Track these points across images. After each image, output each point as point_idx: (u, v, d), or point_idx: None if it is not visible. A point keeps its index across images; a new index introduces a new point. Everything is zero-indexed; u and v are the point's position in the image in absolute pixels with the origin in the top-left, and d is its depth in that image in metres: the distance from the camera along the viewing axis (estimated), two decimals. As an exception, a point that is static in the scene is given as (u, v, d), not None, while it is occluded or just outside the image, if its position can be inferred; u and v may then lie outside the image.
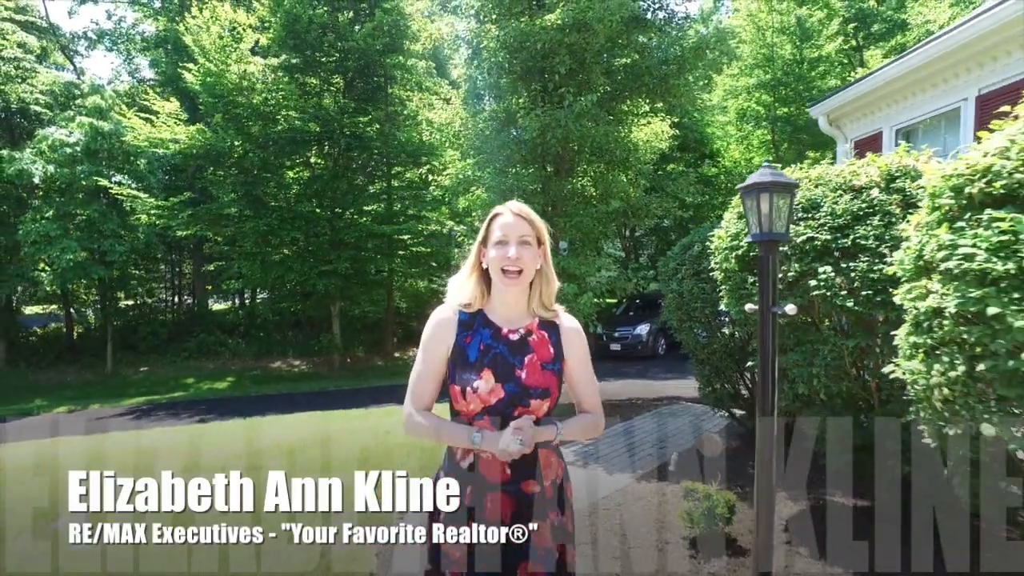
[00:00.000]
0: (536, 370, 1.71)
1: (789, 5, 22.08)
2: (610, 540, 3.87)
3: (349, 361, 17.80)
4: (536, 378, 1.71)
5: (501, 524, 1.68)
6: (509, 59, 7.30)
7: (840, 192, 3.47)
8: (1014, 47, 4.20)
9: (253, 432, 8.84)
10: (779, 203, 2.47)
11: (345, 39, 14.52)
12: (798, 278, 3.48)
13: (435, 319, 1.78)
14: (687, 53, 7.42)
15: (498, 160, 8.10)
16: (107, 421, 11.56)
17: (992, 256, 1.72)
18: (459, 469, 1.73)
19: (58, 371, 17.81)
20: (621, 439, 6.56)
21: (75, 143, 15.13)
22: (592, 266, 7.83)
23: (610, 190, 8.23)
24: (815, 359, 3.56)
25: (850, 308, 3.11)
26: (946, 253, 1.85)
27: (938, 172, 1.99)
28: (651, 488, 4.86)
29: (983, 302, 1.73)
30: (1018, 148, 1.75)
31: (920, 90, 5.08)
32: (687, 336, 5.63)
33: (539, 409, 1.69)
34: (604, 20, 6.47)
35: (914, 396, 2.14)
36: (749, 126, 22.11)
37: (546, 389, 1.70)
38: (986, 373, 1.75)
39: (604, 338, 15.69)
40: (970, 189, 1.86)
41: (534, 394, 1.69)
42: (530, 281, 1.75)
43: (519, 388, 1.68)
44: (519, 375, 1.70)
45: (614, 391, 10.34)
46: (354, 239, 15.51)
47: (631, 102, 8.44)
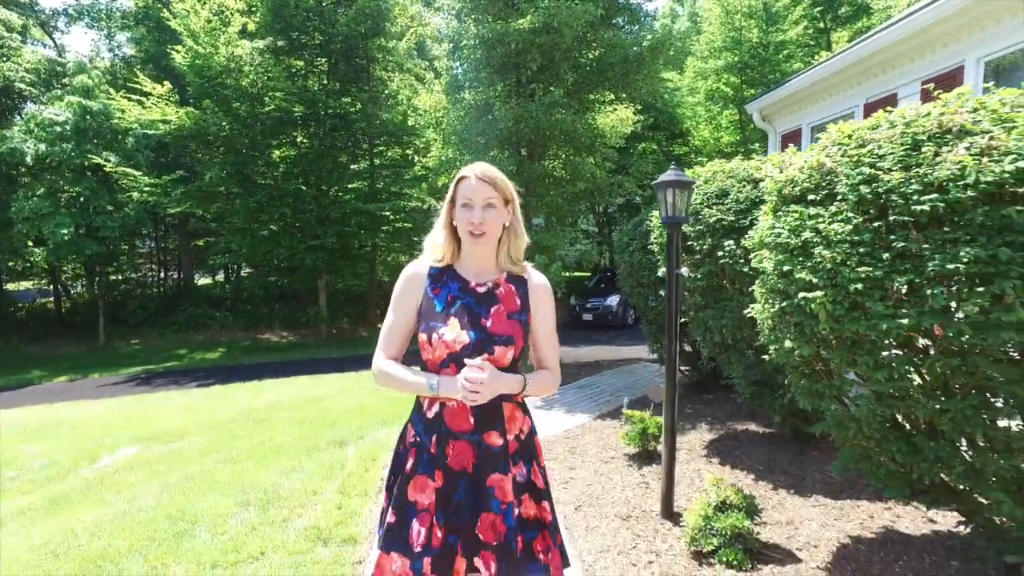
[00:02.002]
0: (502, 319, 1.74)
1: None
2: (567, 457, 4.91)
3: (335, 332, 18.65)
4: (501, 326, 1.73)
5: (466, 472, 1.70)
6: (486, 55, 8.14)
7: (744, 183, 4.45)
8: (888, 67, 5.23)
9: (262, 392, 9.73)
10: (681, 195, 3.44)
11: (330, 24, 15.07)
12: (711, 250, 4.48)
13: (406, 274, 1.84)
14: (645, 52, 8.32)
15: (477, 144, 8.98)
16: (115, 388, 12.35)
17: (791, 234, 2.70)
18: (425, 418, 1.76)
19: (50, 344, 18.35)
20: (584, 390, 7.62)
21: (64, 122, 15.54)
22: (561, 239, 8.77)
23: (578, 172, 9.16)
24: (725, 313, 4.58)
25: (746, 272, 4.08)
26: (768, 232, 2.85)
27: (772, 178, 2.96)
28: (605, 423, 5.91)
29: (784, 264, 2.73)
30: (807, 167, 2.73)
31: (828, 95, 6.08)
32: (638, 300, 6.65)
33: (503, 356, 1.70)
34: (570, 23, 7.34)
35: (760, 330, 3.14)
36: (717, 107, 22.99)
37: (510, 336, 1.72)
38: (787, 308, 2.75)
39: (576, 308, 16.77)
40: (784, 191, 2.84)
41: (498, 341, 1.70)
42: (498, 238, 1.80)
43: (484, 335, 1.70)
44: (484, 323, 1.72)
45: (583, 355, 11.41)
46: (340, 215, 16.27)
47: (597, 93, 9.34)
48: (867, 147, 2.56)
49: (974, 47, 4.39)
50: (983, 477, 2.50)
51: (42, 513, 4.69)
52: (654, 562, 3.07)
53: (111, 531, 3.83)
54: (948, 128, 2.40)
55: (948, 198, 2.24)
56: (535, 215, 9.42)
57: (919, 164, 2.36)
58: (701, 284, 4.65)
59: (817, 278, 2.53)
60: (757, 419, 5.62)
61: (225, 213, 16.20)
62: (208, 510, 3.99)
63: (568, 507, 3.83)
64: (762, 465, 4.44)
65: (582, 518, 3.65)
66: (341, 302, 20.44)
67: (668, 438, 3.53)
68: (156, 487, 4.88)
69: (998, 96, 2.44)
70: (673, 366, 3.52)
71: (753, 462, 4.54)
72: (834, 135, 2.78)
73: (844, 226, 2.47)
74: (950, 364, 2.33)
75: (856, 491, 3.83)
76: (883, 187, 2.39)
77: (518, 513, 1.72)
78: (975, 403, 2.36)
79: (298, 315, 19.63)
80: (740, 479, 4.20)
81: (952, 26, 4.48)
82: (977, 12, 4.25)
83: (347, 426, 6.31)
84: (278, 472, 4.79)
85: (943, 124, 2.41)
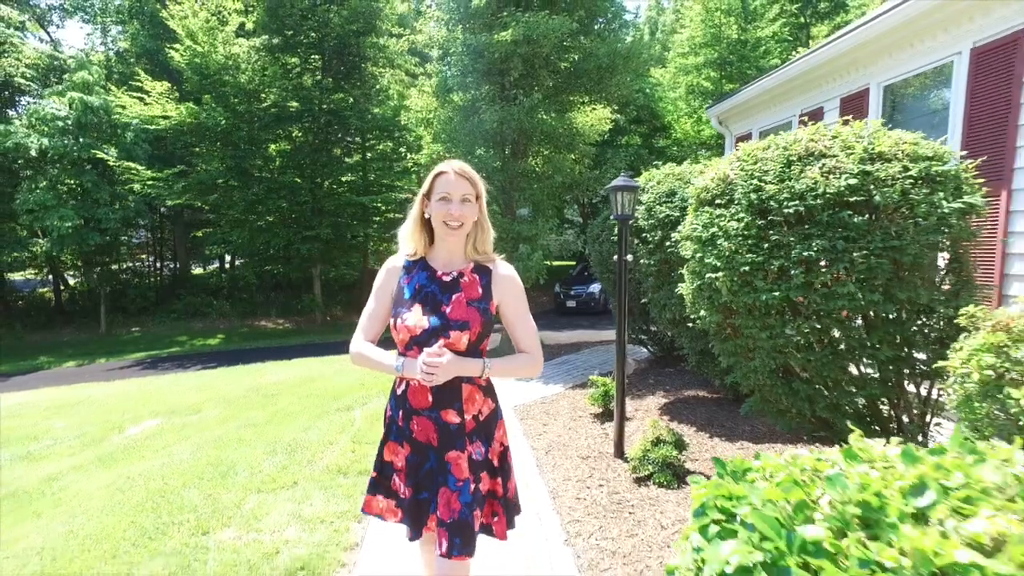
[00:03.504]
0: (461, 306, 1.86)
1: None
2: (542, 416, 5.77)
3: (329, 319, 19.42)
4: (459, 312, 1.84)
5: (432, 446, 1.86)
6: (473, 62, 8.92)
7: (687, 184, 5.30)
8: (815, 85, 6.12)
9: (266, 373, 10.48)
10: (628, 197, 4.28)
11: (324, 23, 15.73)
12: (661, 241, 5.34)
13: (386, 267, 2.00)
14: (618, 60, 9.14)
15: (465, 142, 9.77)
16: (122, 371, 13.07)
17: (703, 229, 3.55)
18: (396, 394, 1.95)
19: (53, 332, 18.96)
20: (562, 367, 8.49)
21: (65, 117, 16.11)
22: (543, 229, 9.59)
23: (558, 169, 9.97)
24: (673, 293, 5.44)
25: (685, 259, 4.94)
26: (690, 228, 3.70)
27: (694, 185, 3.80)
28: (576, 392, 6.78)
29: (699, 252, 3.58)
30: (716, 178, 3.57)
31: (772, 105, 6.93)
32: (607, 285, 7.49)
33: (459, 340, 1.81)
34: (548, 36, 8.13)
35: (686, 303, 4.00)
36: (698, 102, 23.80)
37: (466, 322, 1.83)
38: (701, 285, 3.61)
39: (561, 296, 17.66)
40: (701, 196, 3.69)
41: (454, 326, 1.82)
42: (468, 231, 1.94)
43: (442, 321, 1.83)
44: (444, 310, 1.85)
45: (565, 338, 12.30)
46: (334, 207, 17.00)
47: (575, 95, 10.15)
48: (758, 164, 3.41)
49: (877, 73, 5.29)
50: (840, 411, 3.38)
51: (93, 468, 5.46)
52: (604, 485, 3.93)
53: (163, 475, 4.64)
54: (811, 152, 3.25)
55: (806, 204, 3.09)
56: (520, 207, 10.23)
57: (790, 178, 3.21)
58: (655, 269, 5.51)
59: (720, 262, 3.39)
60: (707, 387, 6.50)
61: (222, 205, 16.86)
62: (242, 458, 4.81)
63: (540, 452, 4.69)
64: (703, 421, 5.32)
65: (551, 458, 4.52)
66: (335, 290, 21.18)
67: (619, 395, 4.40)
68: (189, 446, 5.67)
69: (850, 128, 3.30)
70: (622, 335, 4.38)
71: (697, 419, 5.41)
72: (739, 152, 3.63)
73: (738, 224, 3.32)
74: (810, 325, 3.20)
75: (775, 437, 4.71)
76: (765, 195, 3.24)
77: (474, 488, 1.84)
78: (829, 354, 3.24)
79: (293, 303, 20.35)
80: (684, 431, 5.07)
81: (860, 54, 5.37)
82: (876, 46, 5.15)
83: (351, 397, 7.13)
84: (296, 431, 5.62)
85: (808, 148, 3.26)
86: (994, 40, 4.15)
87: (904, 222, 3.02)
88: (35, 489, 4.88)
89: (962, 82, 4.40)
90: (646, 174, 5.68)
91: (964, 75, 4.38)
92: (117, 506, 4.02)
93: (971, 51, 4.33)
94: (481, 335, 1.88)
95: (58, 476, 5.28)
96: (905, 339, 3.19)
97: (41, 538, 3.61)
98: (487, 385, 1.97)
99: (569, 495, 3.82)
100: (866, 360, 3.29)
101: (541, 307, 18.58)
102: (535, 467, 4.38)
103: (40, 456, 6.21)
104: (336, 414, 6.20)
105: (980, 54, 4.25)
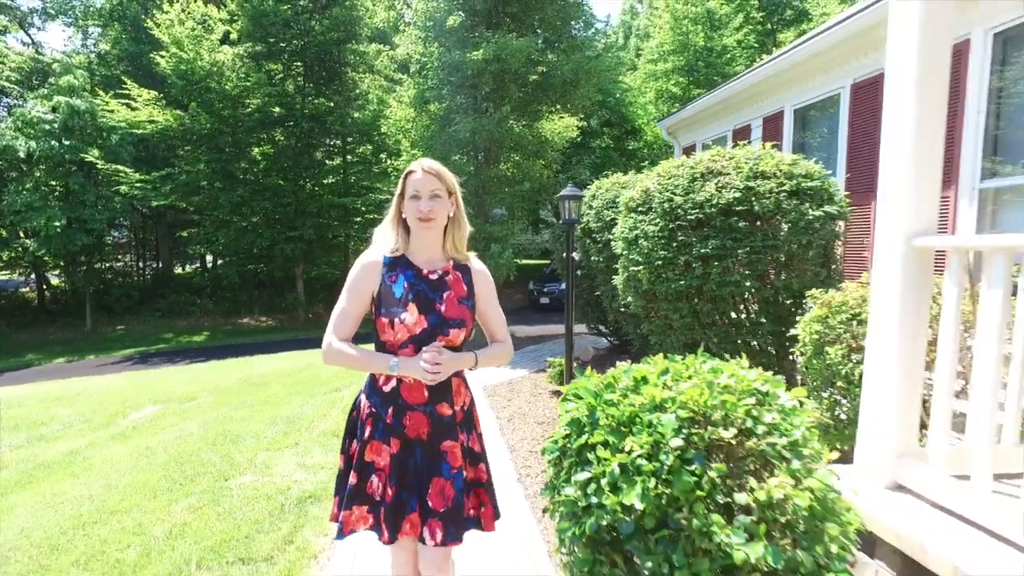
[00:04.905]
0: (454, 304, 1.92)
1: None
2: (507, 394, 6.61)
3: (311, 316, 20.04)
4: (454, 311, 1.91)
5: (421, 440, 1.89)
6: (447, 77, 9.73)
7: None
8: (744, 105, 7.07)
9: (254, 365, 11.16)
10: (574, 205, 5.14)
11: (306, 31, 16.40)
12: (607, 241, 6.19)
13: (361, 262, 1.96)
14: (581, 75, 10.02)
15: (441, 150, 10.57)
16: (112, 367, 13.60)
17: (629, 231, 4.41)
18: (381, 392, 1.93)
19: (38, 331, 19.30)
20: (529, 355, 9.34)
21: (52, 120, 16.55)
22: (512, 229, 10.43)
23: (527, 174, 10.83)
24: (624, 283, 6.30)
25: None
26: (620, 230, 4.56)
27: (624, 195, 4.66)
28: (539, 375, 7.63)
29: (626, 250, 4.44)
30: (640, 190, 4.44)
31: (712, 120, 7.86)
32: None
33: (456, 338, 1.90)
34: (515, 55, 8.97)
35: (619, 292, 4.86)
36: (666, 107, 24.83)
37: (462, 320, 1.91)
38: (628, 277, 4.48)
39: (534, 293, 18.53)
40: (629, 204, 4.55)
41: (452, 324, 1.88)
42: (444, 227, 1.97)
43: (440, 319, 1.88)
44: (439, 308, 1.89)
45: (535, 331, 13.14)
46: (316, 208, 17.68)
47: (542, 105, 11.02)
48: (671, 179, 4.27)
49: (789, 98, 6.26)
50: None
51: (110, 443, 6.15)
52: (553, 442, 4.78)
53: (178, 444, 5.38)
54: (711, 170, 4.12)
55: (705, 212, 3.97)
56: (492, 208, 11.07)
57: (693, 191, 4.08)
58: (603, 265, 6.36)
59: (641, 258, 4.26)
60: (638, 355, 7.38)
61: (207, 206, 17.43)
62: (247, 429, 5.57)
63: (503, 420, 5.52)
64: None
65: (512, 425, 5.36)
66: (316, 288, 21.79)
67: (567, 368, 5.26)
68: (195, 424, 6.39)
69: (744, 151, 4.18)
70: (570, 320, 5.24)
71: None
72: (659, 169, 4.50)
73: (655, 227, 4.18)
74: (710, 306, 4.08)
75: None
76: (674, 204, 4.11)
77: (465, 476, 1.93)
78: (724, 330, 4.12)
79: (276, 301, 20.94)
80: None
81: (777, 82, 6.34)
82: (787, 76, 6.12)
83: (339, 381, 7.89)
84: (291, 408, 6.39)
85: (709, 168, 4.14)
86: (867, 78, 5.09)
87: (779, 226, 3.91)
88: (62, 460, 5.56)
89: (846, 110, 5.35)
90: (596, 183, 6.53)
91: (847, 105, 5.33)
92: (145, 466, 4.76)
93: (851, 86, 5.28)
94: (471, 331, 1.98)
95: (79, 451, 5.94)
96: (782, 317, 4.08)
97: (85, 490, 4.35)
98: (465, 377, 2.06)
99: (524, 449, 4.66)
100: (760, 334, 4.18)
101: (515, 304, 19.40)
102: (498, 431, 5.21)
103: (54, 437, 6.83)
104: (326, 395, 6.97)
105: (858, 88, 5.20)
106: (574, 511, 1.69)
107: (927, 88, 2.06)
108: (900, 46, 2.12)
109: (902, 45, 2.11)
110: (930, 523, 1.90)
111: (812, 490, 1.54)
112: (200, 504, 3.70)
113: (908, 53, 2.08)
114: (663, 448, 1.56)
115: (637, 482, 1.54)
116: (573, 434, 1.78)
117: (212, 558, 2.98)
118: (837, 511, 1.59)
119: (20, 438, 6.84)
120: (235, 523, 3.36)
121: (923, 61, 2.06)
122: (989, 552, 1.72)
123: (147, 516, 3.61)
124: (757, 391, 1.74)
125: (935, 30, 2.06)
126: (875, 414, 2.23)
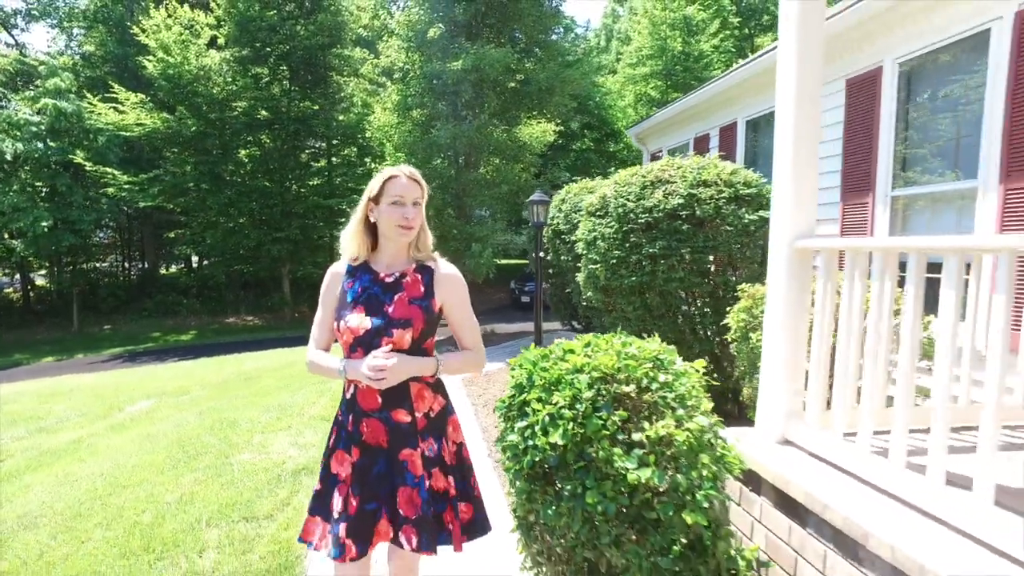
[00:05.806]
0: (403, 304, 1.88)
1: (680, 3, 25.09)
2: (485, 383, 7.10)
3: (297, 315, 20.40)
4: (401, 311, 1.87)
5: (382, 448, 1.87)
6: (429, 85, 10.20)
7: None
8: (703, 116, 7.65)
9: (244, 361, 11.54)
10: (542, 209, 5.65)
11: (291, 36, 16.77)
12: (575, 241, 6.71)
13: (329, 272, 2.01)
14: (556, 83, 10.53)
15: (423, 154, 11.03)
16: (102, 365, 13.91)
17: (589, 233, 4.92)
18: (345, 398, 1.95)
19: (25, 331, 19.48)
20: (507, 349, 9.83)
21: (38, 122, 16.77)
22: (492, 230, 10.91)
23: (506, 178, 11.32)
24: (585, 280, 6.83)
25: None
26: (582, 232, 5.08)
27: (585, 200, 5.17)
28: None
29: (586, 250, 4.95)
30: (599, 196, 4.95)
31: (677, 128, 8.42)
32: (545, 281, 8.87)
33: (402, 339, 1.84)
34: (493, 65, 9.46)
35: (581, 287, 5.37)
36: (645, 110, 25.46)
37: (408, 320, 1.85)
38: (588, 274, 4.99)
39: (516, 292, 19.07)
40: (590, 209, 5.07)
41: (396, 324, 1.84)
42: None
43: (384, 320, 1.85)
44: (387, 309, 1.87)
45: (515, 328, 13.65)
46: (302, 210, 18.06)
47: (520, 111, 11.53)
48: (626, 187, 4.79)
49: (742, 110, 6.82)
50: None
51: (110, 433, 6.55)
52: (523, 424, 5.28)
53: (176, 432, 5.80)
54: (660, 179, 4.65)
55: (653, 216, 4.49)
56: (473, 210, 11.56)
57: (644, 197, 4.60)
58: (571, 264, 6.89)
59: (599, 257, 4.77)
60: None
61: (194, 208, 17.73)
62: (242, 416, 6.01)
63: (479, 405, 6.01)
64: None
65: (487, 409, 5.85)
66: (302, 288, 22.12)
67: (538, 358, 5.75)
68: (191, 414, 6.81)
69: (690, 161, 4.71)
70: (538, 312, 5.74)
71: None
72: (616, 177, 5.01)
73: (610, 230, 4.70)
74: (658, 299, 4.60)
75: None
76: (627, 209, 4.63)
77: (428, 485, 1.88)
78: (672, 319, 4.64)
79: (263, 300, 21.27)
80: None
81: (731, 95, 6.90)
82: (739, 90, 6.68)
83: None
84: (283, 397, 6.83)
85: (658, 176, 4.66)
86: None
87: (719, 228, 4.44)
88: (67, 448, 5.95)
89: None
90: (566, 188, 7.04)
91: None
92: (149, 449, 5.19)
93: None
94: (424, 332, 1.91)
95: (81, 440, 6.32)
96: (723, 311, 4.62)
97: (96, 469, 4.77)
98: (436, 382, 2.00)
99: (495, 431, 5.15)
100: (705, 324, 4.71)
101: (497, 303, 19.90)
102: (473, 415, 5.70)
103: (54, 429, 7.20)
104: (314, 386, 7.41)
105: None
106: (516, 452, 2.19)
107: (803, 109, 2.57)
108: (784, 75, 2.62)
109: (784, 75, 2.61)
110: (798, 465, 2.42)
111: (691, 431, 2.05)
112: (205, 478, 4.15)
113: (788, 83, 2.58)
114: (579, 399, 2.07)
115: (560, 425, 2.04)
116: (516, 394, 2.28)
117: (220, 517, 3.44)
118: (713, 447, 2.10)
119: (20, 431, 7.17)
120: (237, 491, 3.82)
121: (801, 90, 2.55)
122: (831, 481, 2.24)
123: (157, 488, 4.05)
124: (656, 358, 2.25)
125: (808, 68, 2.56)
126: (769, 383, 2.75)
